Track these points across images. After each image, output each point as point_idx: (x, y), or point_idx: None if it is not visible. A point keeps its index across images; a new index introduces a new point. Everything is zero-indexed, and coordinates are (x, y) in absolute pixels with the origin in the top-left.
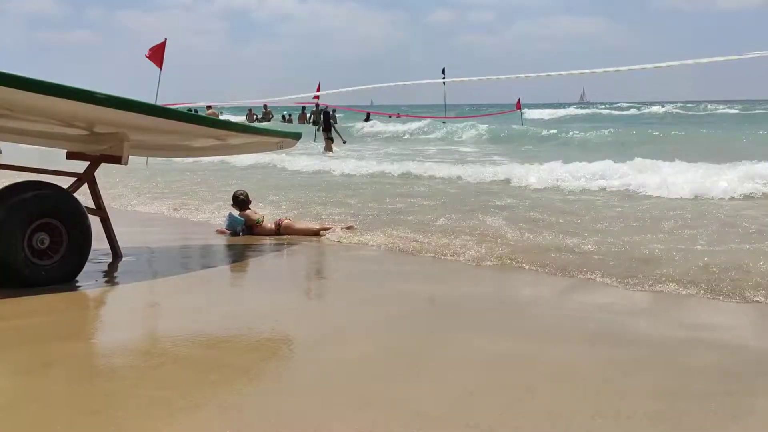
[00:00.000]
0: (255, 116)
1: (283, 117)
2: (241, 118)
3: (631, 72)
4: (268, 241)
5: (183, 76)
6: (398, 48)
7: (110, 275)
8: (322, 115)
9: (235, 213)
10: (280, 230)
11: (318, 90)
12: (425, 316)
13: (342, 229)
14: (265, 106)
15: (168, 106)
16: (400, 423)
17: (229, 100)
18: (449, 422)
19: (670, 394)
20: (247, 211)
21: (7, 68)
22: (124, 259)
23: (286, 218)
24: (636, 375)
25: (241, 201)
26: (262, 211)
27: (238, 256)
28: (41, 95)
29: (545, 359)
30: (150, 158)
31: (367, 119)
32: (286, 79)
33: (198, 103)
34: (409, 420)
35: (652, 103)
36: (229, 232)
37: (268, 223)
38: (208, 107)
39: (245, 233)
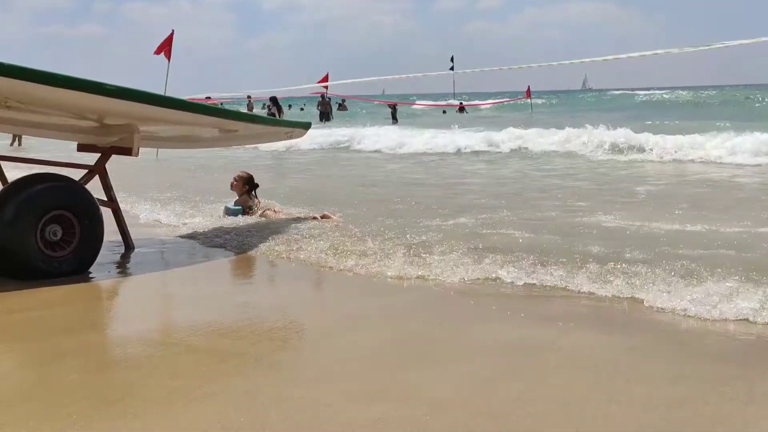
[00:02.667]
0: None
1: (302, 108)
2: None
3: (636, 58)
4: (278, 229)
5: (191, 68)
6: (407, 36)
7: (123, 266)
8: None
9: (230, 204)
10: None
11: (326, 79)
12: (438, 304)
13: (319, 219)
14: (249, 98)
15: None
16: (414, 411)
17: (236, 91)
18: (462, 410)
19: (685, 380)
20: (244, 197)
21: (16, 61)
22: (135, 250)
23: (269, 208)
24: (651, 361)
25: (245, 181)
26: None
27: (248, 245)
28: (52, 87)
29: (559, 346)
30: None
31: (393, 116)
32: (294, 70)
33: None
34: (423, 408)
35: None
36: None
37: (259, 211)
38: (207, 98)
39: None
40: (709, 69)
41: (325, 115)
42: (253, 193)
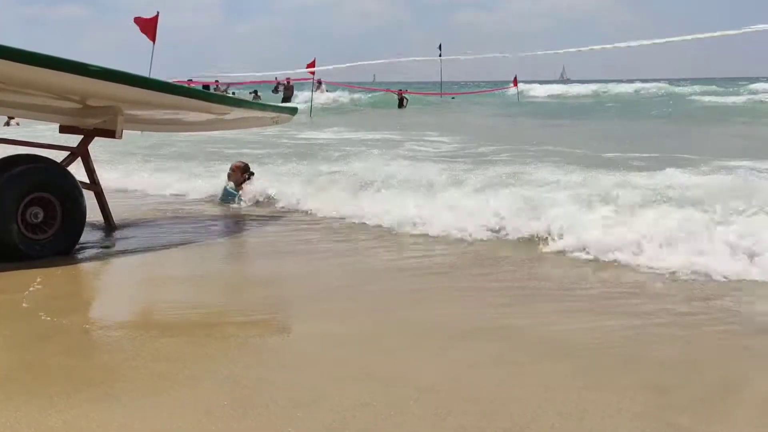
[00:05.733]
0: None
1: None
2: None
3: (617, 49)
4: (262, 212)
5: (176, 52)
6: (395, 24)
7: (105, 248)
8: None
9: (230, 186)
10: None
11: (313, 65)
12: (425, 292)
13: None
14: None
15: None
16: (399, 395)
17: (221, 75)
18: (447, 395)
19: (667, 364)
20: (242, 185)
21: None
22: (118, 231)
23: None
24: (629, 348)
25: (242, 170)
26: None
27: (232, 227)
28: (34, 67)
29: (541, 334)
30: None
31: (401, 104)
32: (281, 55)
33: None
34: (408, 393)
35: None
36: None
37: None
38: (189, 81)
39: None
40: (694, 61)
41: (287, 100)
42: (249, 180)
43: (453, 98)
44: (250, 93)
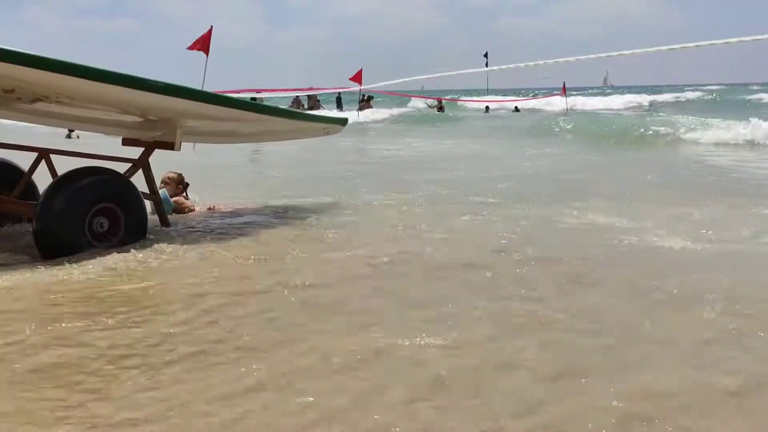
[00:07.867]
0: (302, 105)
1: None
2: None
3: (663, 54)
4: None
5: (222, 63)
6: (437, 31)
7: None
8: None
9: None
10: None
11: (360, 76)
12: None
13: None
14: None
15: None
16: None
17: (268, 87)
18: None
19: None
20: (180, 197)
21: (54, 55)
22: (176, 237)
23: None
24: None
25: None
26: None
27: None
28: (101, 83)
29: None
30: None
31: (440, 110)
32: (325, 64)
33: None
34: None
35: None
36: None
37: (203, 208)
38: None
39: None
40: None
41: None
42: (185, 192)
43: (517, 109)
44: (292, 104)
